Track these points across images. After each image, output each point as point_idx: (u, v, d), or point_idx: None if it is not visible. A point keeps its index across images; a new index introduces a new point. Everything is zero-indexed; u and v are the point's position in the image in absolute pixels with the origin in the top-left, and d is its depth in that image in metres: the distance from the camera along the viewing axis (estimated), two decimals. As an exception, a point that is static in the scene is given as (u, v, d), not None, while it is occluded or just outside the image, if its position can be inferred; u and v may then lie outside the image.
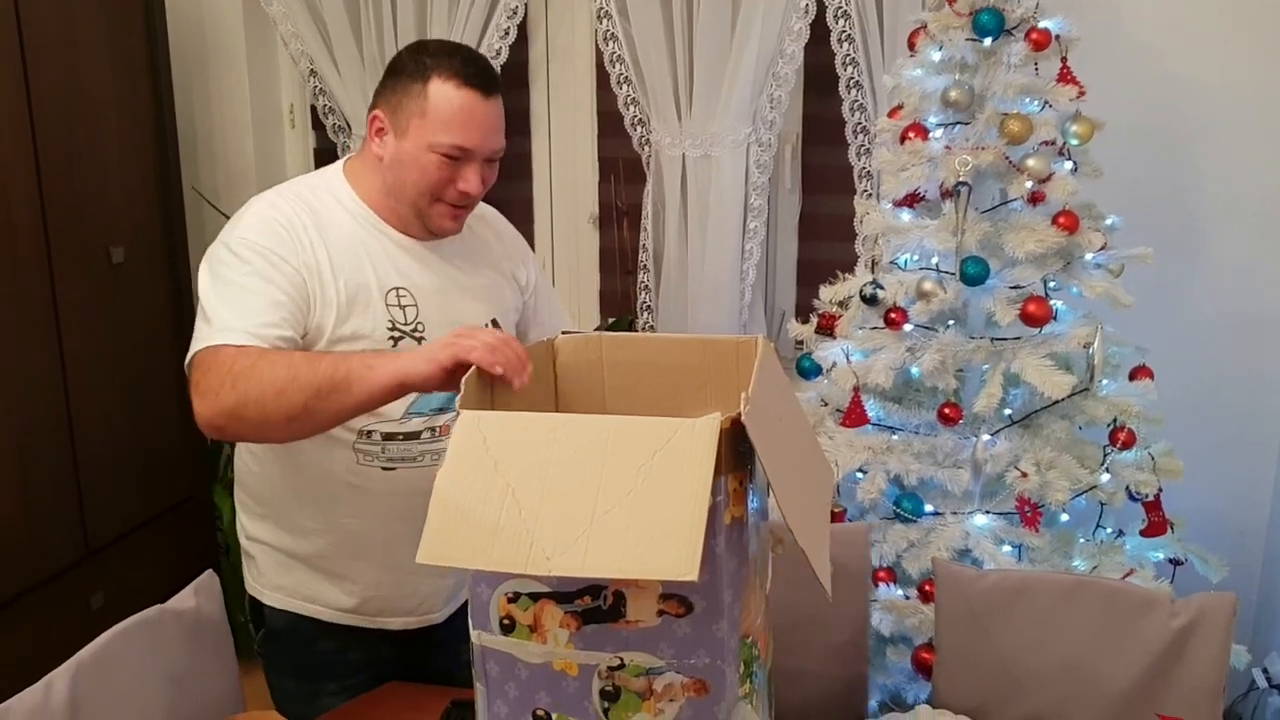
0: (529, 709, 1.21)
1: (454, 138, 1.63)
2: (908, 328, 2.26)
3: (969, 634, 1.76)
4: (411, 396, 1.67)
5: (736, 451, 1.13)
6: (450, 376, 1.40)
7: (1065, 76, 2.20)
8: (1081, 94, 2.19)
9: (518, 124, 3.19)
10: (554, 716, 1.20)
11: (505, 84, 2.98)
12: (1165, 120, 2.66)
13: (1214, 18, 2.61)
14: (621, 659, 1.16)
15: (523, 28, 3.03)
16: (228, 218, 3.50)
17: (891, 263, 2.35)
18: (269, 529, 1.81)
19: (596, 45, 2.99)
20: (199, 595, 1.74)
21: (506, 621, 1.20)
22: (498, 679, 1.22)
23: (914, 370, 2.24)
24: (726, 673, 1.15)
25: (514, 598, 1.19)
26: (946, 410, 2.23)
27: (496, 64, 3.00)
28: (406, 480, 1.73)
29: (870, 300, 2.29)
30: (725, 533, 1.13)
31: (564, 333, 1.56)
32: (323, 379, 1.46)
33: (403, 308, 1.70)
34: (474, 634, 1.23)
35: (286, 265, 1.60)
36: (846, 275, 2.42)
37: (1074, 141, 2.21)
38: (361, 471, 1.72)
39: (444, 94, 1.61)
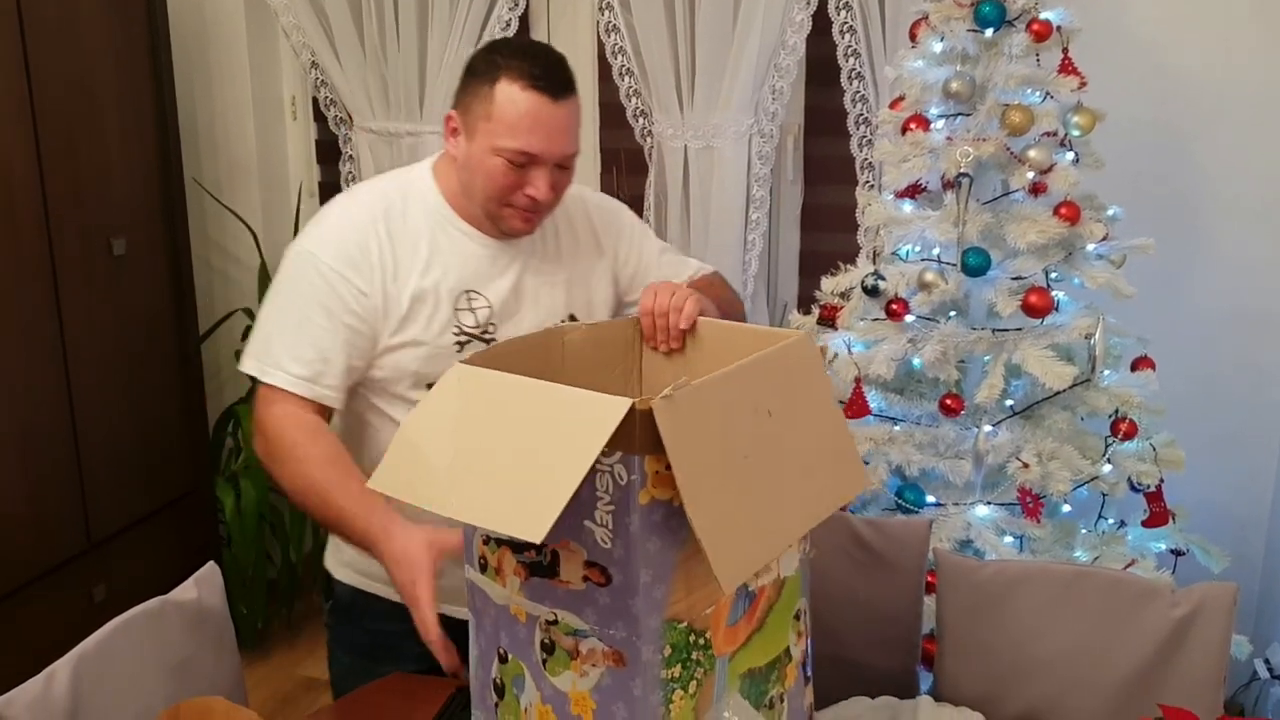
0: (495, 646, 1.29)
1: (519, 142, 1.58)
2: (909, 319, 2.26)
3: (971, 624, 1.76)
4: None
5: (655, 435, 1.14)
6: None
7: (1067, 67, 2.19)
8: (1083, 85, 2.18)
9: (519, 116, 3.18)
10: (510, 657, 1.27)
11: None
12: (1167, 111, 2.66)
13: (1217, 8, 2.60)
14: (556, 615, 1.21)
15: (524, 19, 3.03)
16: (228, 208, 3.51)
17: (893, 254, 2.34)
18: None
19: (598, 37, 2.99)
20: (201, 587, 1.74)
21: (482, 561, 1.28)
22: (478, 613, 1.31)
23: (915, 361, 2.23)
24: (642, 650, 1.16)
25: (486, 540, 1.26)
26: (948, 401, 2.23)
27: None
28: None
29: (872, 291, 2.29)
30: (641, 512, 1.14)
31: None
32: (331, 517, 1.58)
33: (474, 310, 1.69)
34: (465, 567, 1.31)
35: (352, 289, 1.63)
36: (848, 266, 2.42)
37: (1075, 132, 2.20)
38: None
39: (510, 96, 1.57)
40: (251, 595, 3.26)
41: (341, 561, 1.86)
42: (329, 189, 3.48)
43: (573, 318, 1.76)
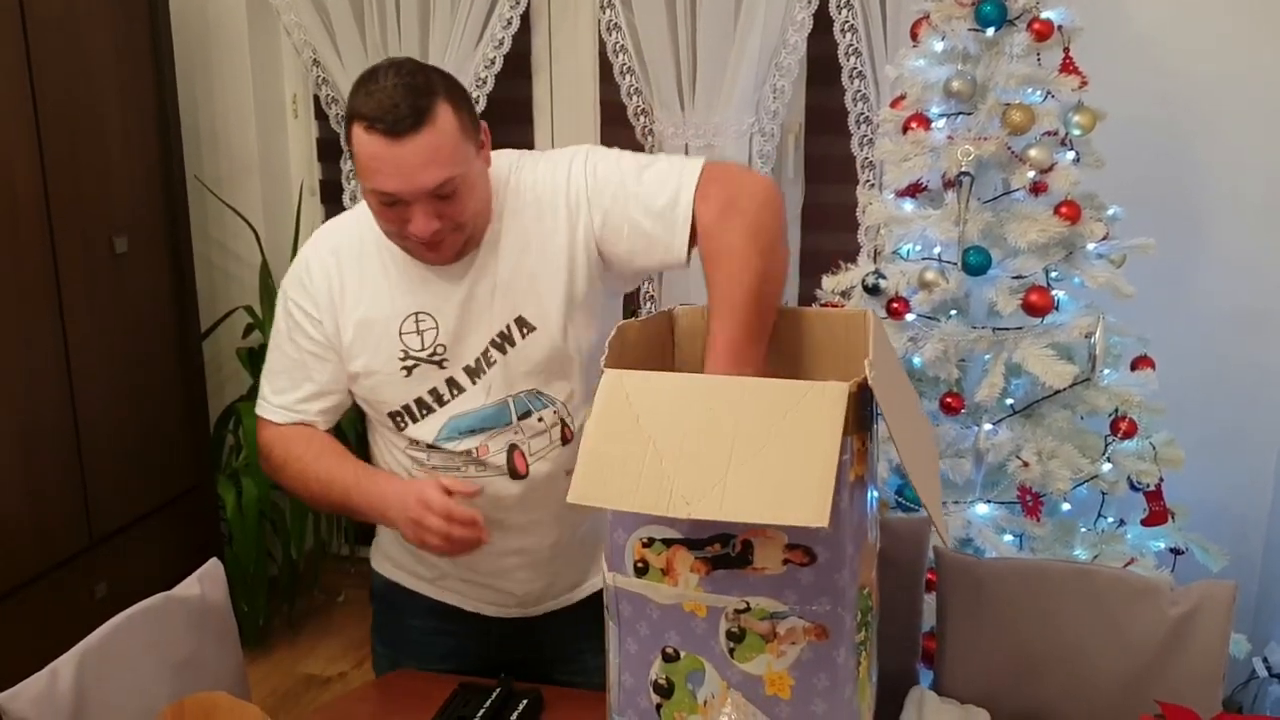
0: (659, 647, 1.31)
1: (374, 184, 1.52)
2: (910, 317, 2.27)
3: (970, 622, 1.77)
4: (442, 419, 1.68)
5: (860, 414, 1.23)
6: None
7: (1068, 67, 2.20)
8: (1084, 84, 2.19)
9: (521, 114, 3.19)
10: (682, 655, 1.30)
11: (508, 74, 3.03)
12: (1168, 111, 2.66)
13: (1218, 8, 2.61)
14: (748, 603, 1.26)
15: (525, 17, 3.03)
16: (230, 207, 3.52)
17: (894, 253, 2.35)
18: None
19: (599, 35, 2.99)
20: (204, 583, 1.75)
21: (640, 565, 1.30)
22: (630, 618, 1.32)
23: (916, 360, 2.24)
24: (846, 619, 1.25)
25: (648, 543, 1.29)
26: (948, 400, 2.23)
27: (499, 54, 3.00)
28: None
29: (873, 290, 2.29)
30: (849, 489, 1.22)
31: (681, 305, 1.57)
32: (338, 500, 1.67)
33: (420, 333, 1.67)
34: (609, 576, 1.33)
35: (309, 319, 1.69)
36: (849, 265, 2.42)
37: (1076, 132, 2.21)
38: (416, 473, 1.74)
39: (359, 140, 1.50)
40: (253, 592, 3.26)
41: (382, 554, 1.90)
42: (330, 187, 3.48)
43: (521, 320, 1.66)
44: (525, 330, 1.66)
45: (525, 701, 1.64)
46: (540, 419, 1.70)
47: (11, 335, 2.44)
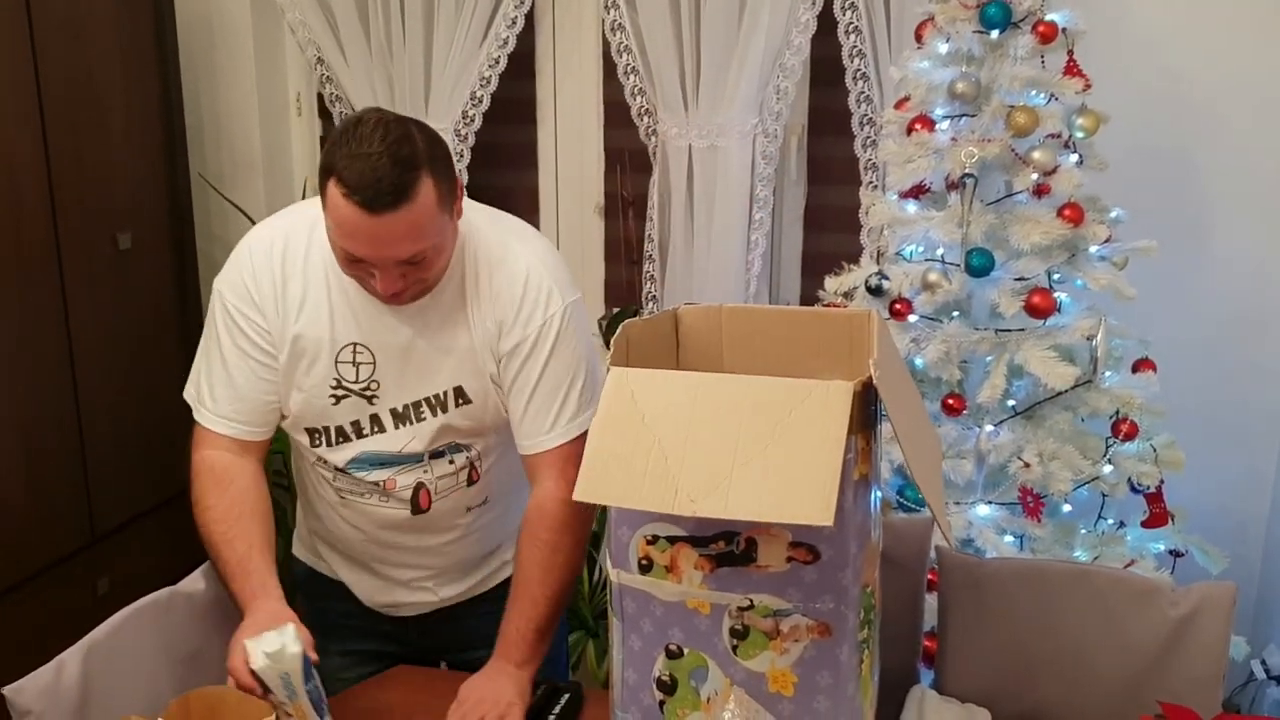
0: (662, 643, 1.32)
1: (345, 244, 1.51)
2: (912, 319, 2.27)
3: (971, 622, 1.77)
4: (356, 449, 1.69)
5: (864, 414, 1.24)
6: None
7: (1072, 69, 2.20)
8: (1088, 87, 2.19)
9: (524, 113, 3.19)
10: (685, 651, 1.31)
11: (511, 73, 3.04)
12: (1171, 113, 2.67)
13: (1221, 11, 2.61)
14: (751, 600, 1.27)
15: (530, 16, 3.03)
16: (234, 204, 3.52)
17: (897, 254, 2.35)
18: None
19: (603, 35, 2.99)
20: (208, 578, 1.76)
21: (644, 562, 1.31)
22: (633, 615, 1.33)
23: (918, 361, 2.25)
24: (849, 617, 1.26)
25: (653, 540, 1.29)
26: (950, 401, 2.24)
27: (504, 53, 3.00)
28: (358, 510, 1.77)
29: (875, 291, 2.30)
30: (853, 488, 1.23)
31: (685, 304, 1.57)
32: (220, 570, 1.65)
33: (356, 365, 1.65)
34: (613, 573, 1.33)
35: (253, 325, 1.65)
36: (852, 266, 2.43)
37: (1080, 134, 2.21)
38: (322, 486, 1.78)
39: (335, 200, 1.47)
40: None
41: (299, 540, 1.93)
42: (333, 185, 3.48)
43: (460, 390, 1.68)
44: (461, 401, 1.68)
45: (567, 696, 1.66)
46: (452, 461, 1.73)
47: (15, 331, 2.44)
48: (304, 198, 3.41)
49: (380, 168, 1.43)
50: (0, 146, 2.38)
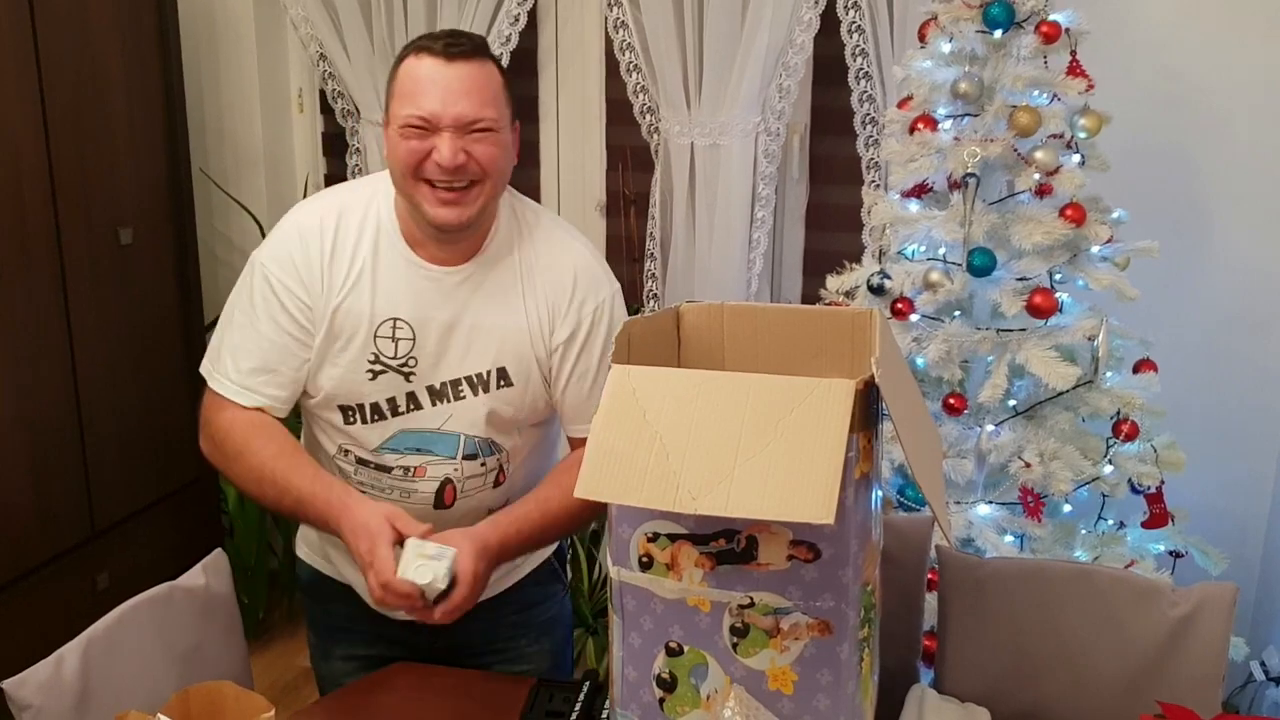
0: (662, 641, 1.31)
1: (412, 107, 1.55)
2: (914, 318, 2.27)
3: (971, 621, 1.77)
4: (393, 428, 1.68)
5: (866, 412, 1.23)
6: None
7: (1074, 69, 2.20)
8: (1090, 87, 2.19)
9: (526, 111, 3.19)
10: (686, 649, 1.30)
11: (514, 71, 3.04)
12: (1173, 114, 2.67)
13: (1224, 12, 2.61)
14: (751, 598, 1.26)
15: (533, 14, 3.04)
16: (235, 200, 3.52)
17: (898, 253, 2.35)
18: None
19: (606, 33, 2.99)
20: (208, 573, 1.76)
21: (645, 559, 1.30)
22: (634, 612, 1.33)
23: (920, 360, 2.25)
24: (849, 615, 1.25)
25: (653, 537, 1.29)
26: (951, 400, 2.24)
27: (505, 50, 3.00)
28: None
29: (877, 290, 2.30)
30: (854, 486, 1.22)
31: (687, 301, 1.56)
32: (289, 504, 1.61)
33: (395, 340, 1.64)
34: (613, 570, 1.33)
35: (296, 301, 1.64)
36: (853, 265, 2.43)
37: (1082, 134, 2.21)
38: (340, 478, 1.75)
39: (408, 69, 1.57)
40: (253, 585, 3.27)
41: (305, 542, 1.90)
42: (335, 181, 3.43)
43: (503, 371, 1.68)
44: (503, 383, 1.67)
45: (588, 685, 1.65)
46: (483, 464, 1.72)
47: (16, 325, 2.44)
48: (305, 195, 3.41)
49: (457, 33, 1.59)
50: (2, 141, 2.38)
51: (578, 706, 1.60)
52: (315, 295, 1.64)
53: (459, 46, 1.55)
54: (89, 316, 2.64)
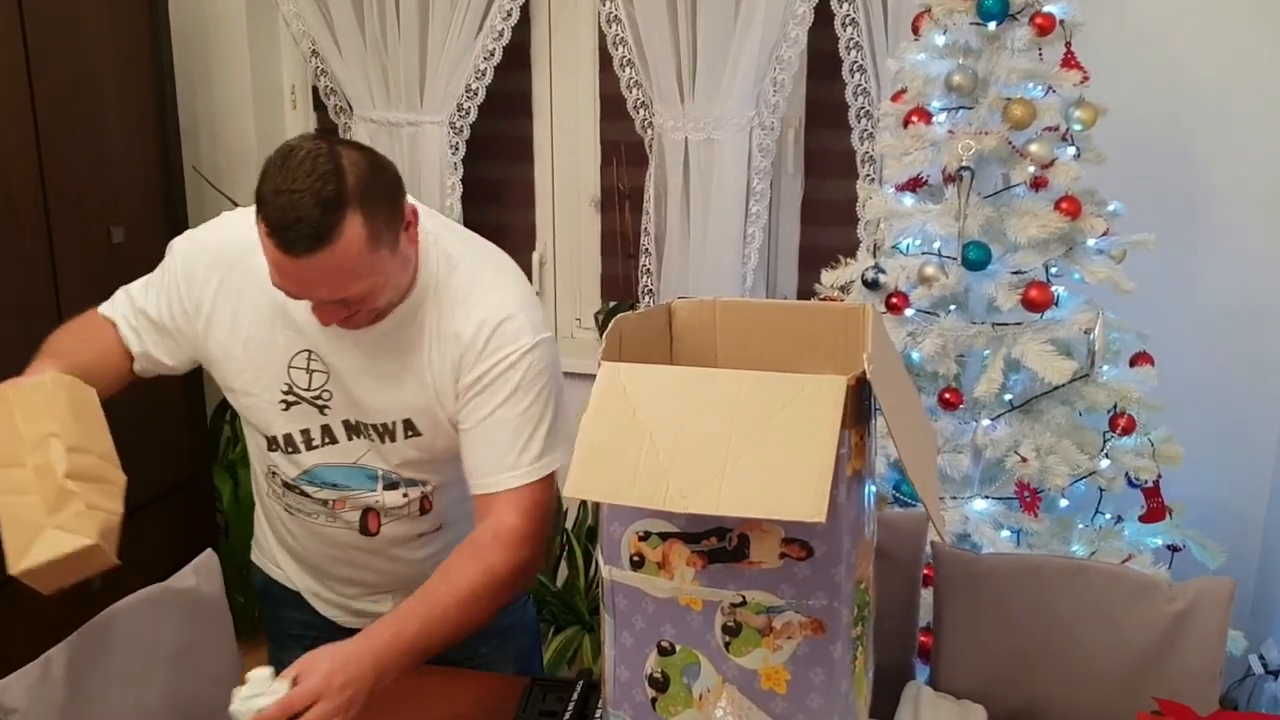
0: (654, 640, 1.31)
1: (272, 279, 1.45)
2: (909, 312, 2.26)
3: (967, 618, 1.77)
4: (309, 462, 1.66)
5: (858, 408, 1.23)
6: None
7: (1069, 62, 2.19)
8: (1085, 79, 2.18)
9: (520, 106, 3.18)
10: (678, 648, 1.30)
11: (507, 66, 3.02)
12: (1169, 106, 2.66)
13: (1220, 3, 2.60)
14: (743, 597, 1.25)
15: (525, 9, 3.02)
16: (228, 197, 3.51)
17: (893, 247, 2.34)
18: None
19: (599, 27, 2.98)
20: (199, 574, 1.74)
21: (636, 558, 1.29)
22: (625, 611, 1.32)
23: (915, 355, 2.24)
24: (842, 614, 1.24)
25: (644, 536, 1.28)
26: (947, 395, 2.23)
27: (499, 45, 2.99)
28: (306, 526, 1.75)
29: (872, 285, 2.29)
30: (847, 483, 1.21)
31: (679, 298, 1.54)
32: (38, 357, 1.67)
33: (310, 372, 1.61)
34: (604, 569, 1.32)
35: (184, 314, 1.66)
36: (848, 260, 2.42)
37: (1077, 127, 2.20)
38: (273, 500, 1.76)
39: (260, 232, 1.40)
40: (247, 585, 3.24)
41: (257, 547, 1.90)
42: (328, 178, 3.47)
43: (409, 422, 1.61)
44: (411, 433, 1.63)
45: (581, 684, 1.64)
46: (405, 494, 1.69)
47: (7, 324, 2.43)
48: (299, 191, 3.39)
49: (301, 207, 1.35)
50: (-9, 139, 2.37)
51: (571, 706, 1.59)
52: (196, 318, 1.65)
53: (301, 242, 1.36)
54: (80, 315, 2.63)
